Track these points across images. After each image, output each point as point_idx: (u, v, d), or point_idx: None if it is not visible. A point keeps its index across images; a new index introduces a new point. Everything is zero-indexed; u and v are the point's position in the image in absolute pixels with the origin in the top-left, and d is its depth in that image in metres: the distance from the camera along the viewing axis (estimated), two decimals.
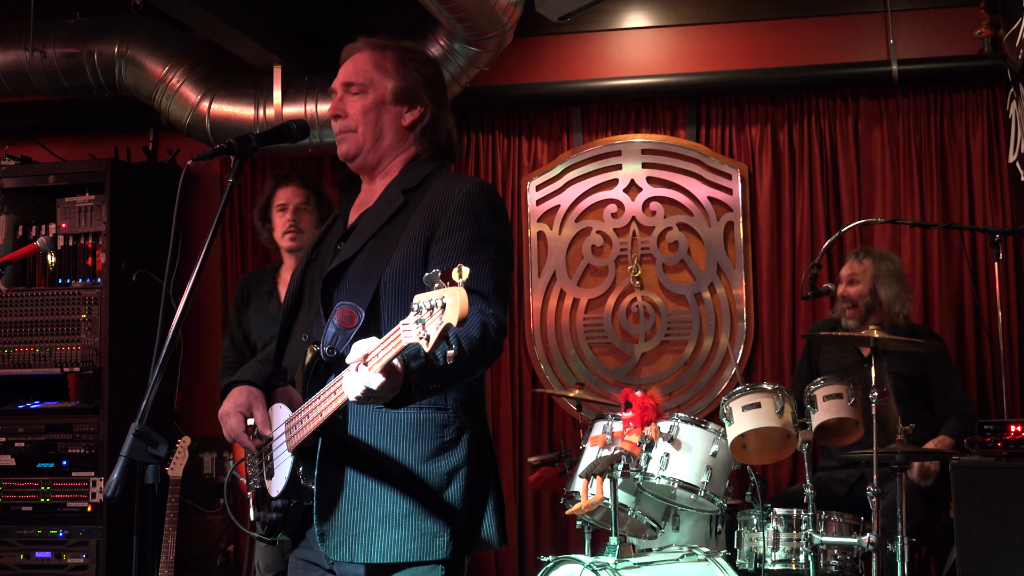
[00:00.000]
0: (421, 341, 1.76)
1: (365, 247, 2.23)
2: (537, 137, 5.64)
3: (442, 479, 2.15)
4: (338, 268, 2.23)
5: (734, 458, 3.95)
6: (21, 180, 5.47)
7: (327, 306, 2.20)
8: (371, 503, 2.12)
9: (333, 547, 2.11)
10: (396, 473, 2.13)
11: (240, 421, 2.26)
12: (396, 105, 2.33)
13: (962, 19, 5.23)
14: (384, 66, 2.34)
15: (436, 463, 2.15)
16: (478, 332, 2.04)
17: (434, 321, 1.74)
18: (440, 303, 1.73)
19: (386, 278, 2.16)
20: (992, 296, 4.96)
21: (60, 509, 4.98)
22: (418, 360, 1.93)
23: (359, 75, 2.34)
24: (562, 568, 3.58)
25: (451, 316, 1.72)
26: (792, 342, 5.26)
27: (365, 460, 2.13)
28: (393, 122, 2.33)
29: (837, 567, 3.84)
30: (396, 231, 2.22)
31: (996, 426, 3.68)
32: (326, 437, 2.12)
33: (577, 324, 5.51)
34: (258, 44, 5.00)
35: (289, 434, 2.16)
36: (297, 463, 2.14)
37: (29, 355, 5.20)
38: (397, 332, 1.82)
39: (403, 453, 2.14)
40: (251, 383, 2.32)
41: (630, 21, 5.59)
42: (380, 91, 2.33)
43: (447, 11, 4.34)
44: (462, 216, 2.19)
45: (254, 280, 4.16)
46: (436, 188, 2.26)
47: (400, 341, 1.81)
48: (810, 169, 5.34)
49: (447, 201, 2.21)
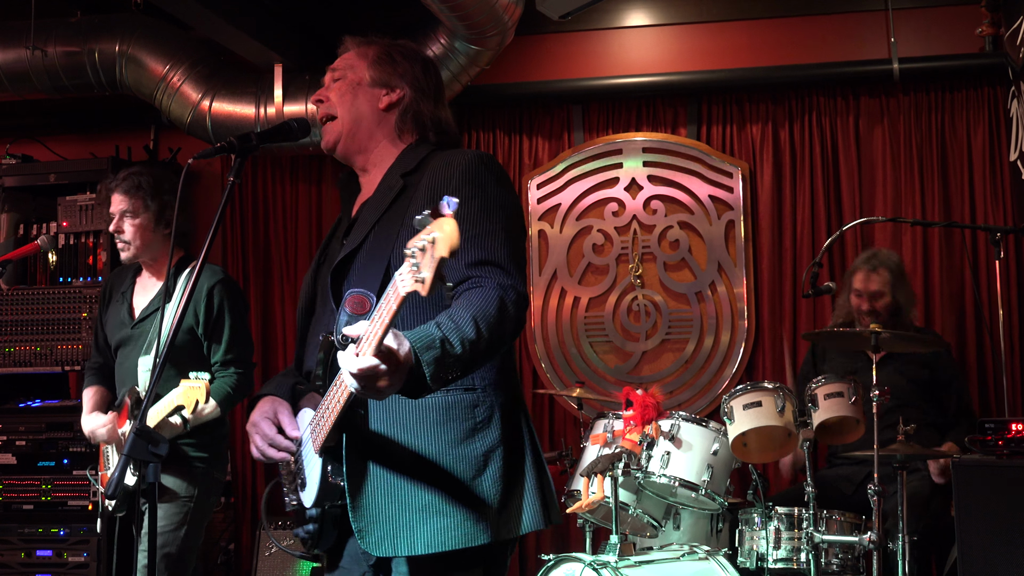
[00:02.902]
0: (417, 286, 1.65)
1: (369, 235, 2.17)
2: (538, 136, 5.64)
3: (478, 461, 2.06)
4: (345, 259, 2.18)
5: (735, 456, 3.95)
6: (22, 179, 5.47)
7: (337, 297, 2.15)
8: (407, 494, 2.04)
9: (374, 543, 2.03)
10: (429, 460, 2.04)
11: (271, 425, 2.19)
12: (373, 88, 2.30)
13: (963, 17, 5.23)
14: (366, 54, 2.34)
15: (470, 445, 2.06)
16: (495, 308, 1.95)
17: (426, 261, 1.64)
18: (430, 239, 1.63)
19: (394, 260, 2.06)
20: (993, 294, 4.96)
21: (61, 508, 4.98)
22: (433, 351, 1.84)
23: (341, 62, 2.35)
24: (563, 567, 3.58)
25: (442, 249, 1.61)
26: (793, 341, 5.26)
27: (394, 450, 2.06)
28: (370, 104, 2.30)
29: (838, 565, 3.84)
30: (399, 213, 2.15)
31: (997, 424, 3.68)
32: (349, 431, 2.05)
33: (578, 322, 5.51)
34: (259, 42, 5.00)
35: (315, 434, 2.09)
36: (326, 464, 2.06)
37: (30, 354, 5.20)
38: (390, 290, 1.73)
39: (434, 438, 2.05)
40: (274, 394, 2.27)
41: (631, 20, 5.59)
42: (359, 74, 2.32)
43: (448, 9, 4.34)
44: (467, 188, 2.10)
45: (117, 278, 3.90)
46: (434, 165, 2.19)
47: (398, 292, 1.71)
48: (811, 167, 5.34)
49: (447, 175, 2.14)
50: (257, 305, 5.72)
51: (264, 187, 5.81)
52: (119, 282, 3.86)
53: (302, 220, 5.76)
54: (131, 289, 3.81)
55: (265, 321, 5.75)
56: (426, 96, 2.32)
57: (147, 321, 3.67)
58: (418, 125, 2.31)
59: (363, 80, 2.31)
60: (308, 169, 5.77)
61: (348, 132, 2.32)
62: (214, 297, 3.66)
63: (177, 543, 3.51)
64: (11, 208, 5.43)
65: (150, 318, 3.67)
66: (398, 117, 2.30)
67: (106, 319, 3.82)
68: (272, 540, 4.46)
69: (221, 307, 3.65)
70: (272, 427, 2.19)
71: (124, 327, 3.72)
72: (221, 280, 3.69)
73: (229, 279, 3.76)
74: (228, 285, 3.72)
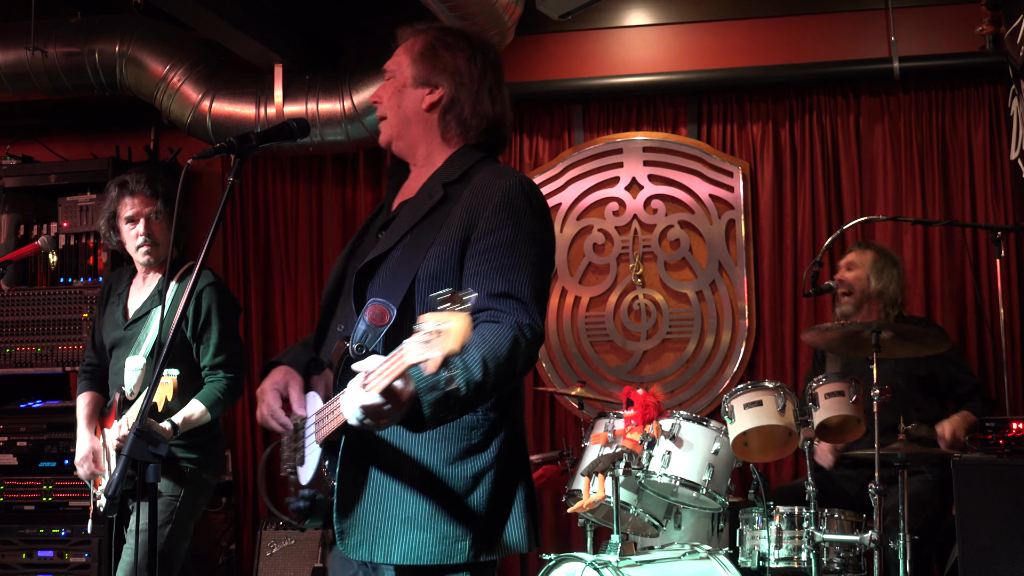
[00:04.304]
0: (423, 364, 1.72)
1: (401, 242, 2.17)
2: (538, 135, 5.63)
3: (467, 482, 2.09)
4: (373, 262, 2.18)
5: (736, 456, 3.94)
6: (22, 179, 5.48)
7: (359, 301, 2.15)
8: (393, 504, 2.08)
9: (352, 546, 2.08)
10: (420, 474, 2.08)
11: (277, 398, 2.23)
12: (416, 88, 2.28)
13: (964, 16, 5.23)
14: (412, 50, 2.32)
15: (462, 466, 2.09)
16: (507, 348, 1.98)
17: (436, 346, 1.69)
18: (444, 327, 1.69)
19: (420, 276, 2.10)
20: (994, 293, 4.97)
21: (62, 508, 4.98)
22: (436, 392, 1.88)
23: (392, 61, 2.34)
24: (564, 566, 3.58)
25: (453, 343, 1.68)
26: (794, 340, 5.25)
27: (388, 460, 2.09)
28: (415, 106, 2.28)
29: (840, 564, 3.83)
30: (434, 227, 2.15)
31: (998, 423, 3.68)
32: (350, 435, 2.08)
33: (579, 322, 5.51)
34: (259, 43, 5.00)
35: (318, 426, 2.13)
36: (324, 456, 2.11)
37: (31, 354, 5.20)
38: (400, 352, 1.78)
39: (428, 454, 2.08)
40: (290, 365, 2.29)
41: (631, 19, 5.59)
42: (403, 76, 2.30)
43: (448, 9, 4.35)
44: (502, 215, 2.10)
45: (115, 279, 3.90)
46: (476, 183, 2.17)
47: (404, 362, 1.77)
48: (811, 166, 5.34)
49: (486, 198, 2.12)
50: (257, 305, 5.72)
51: (264, 187, 5.81)
52: (116, 283, 3.86)
53: (302, 220, 5.76)
54: (127, 290, 3.82)
55: (265, 321, 5.75)
56: (469, 90, 2.28)
57: (140, 322, 3.68)
58: (461, 125, 2.28)
59: (406, 82, 2.30)
60: (308, 169, 5.77)
61: (397, 134, 2.32)
62: (203, 300, 3.67)
63: (161, 541, 3.53)
64: (11, 209, 5.44)
65: (142, 320, 3.68)
66: (440, 118, 2.28)
67: (103, 320, 3.83)
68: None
69: (209, 310, 3.66)
70: (278, 400, 2.23)
71: (118, 328, 3.73)
72: (211, 284, 3.70)
73: (220, 283, 3.77)
74: (218, 288, 3.73)
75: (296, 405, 2.22)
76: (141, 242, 3.70)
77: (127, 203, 3.71)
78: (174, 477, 3.57)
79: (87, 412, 3.77)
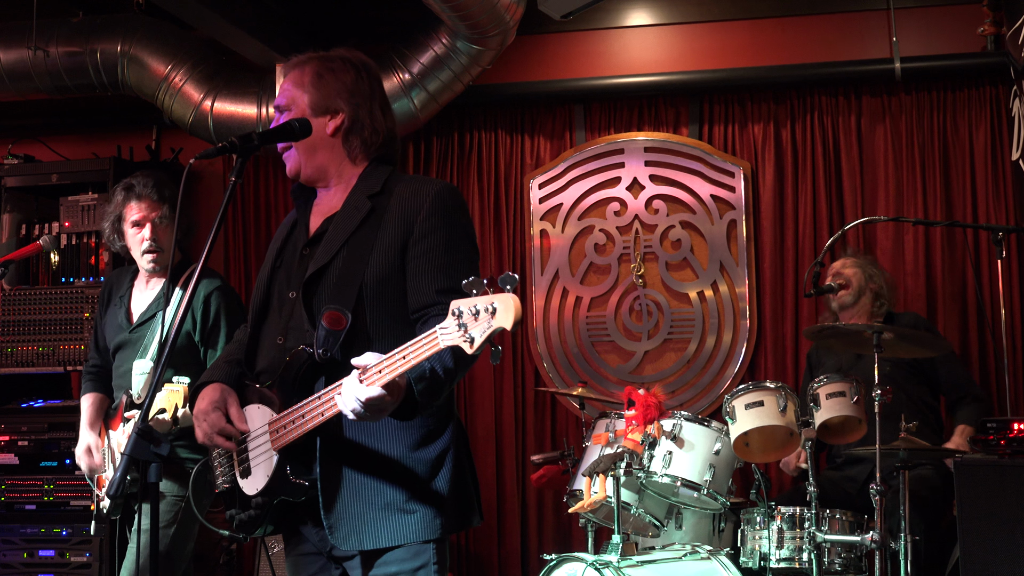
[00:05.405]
0: (463, 343, 1.88)
1: (339, 253, 2.30)
2: (540, 135, 5.63)
3: (430, 465, 2.27)
4: (316, 274, 2.30)
5: (737, 456, 3.94)
6: (24, 179, 5.47)
7: (310, 311, 2.28)
8: (372, 494, 2.24)
9: (342, 538, 2.23)
10: (390, 464, 2.25)
11: (221, 417, 2.32)
12: (317, 117, 2.39)
13: (965, 16, 5.22)
14: (302, 82, 2.41)
15: (425, 451, 2.27)
16: None
17: (480, 326, 1.86)
18: (490, 307, 1.85)
19: (368, 280, 2.26)
20: (995, 293, 4.97)
21: (63, 508, 4.98)
22: (423, 382, 2.09)
23: (283, 96, 2.44)
24: (565, 566, 3.58)
25: (504, 321, 1.84)
26: (795, 340, 5.26)
27: (361, 454, 2.25)
28: (319, 133, 2.39)
29: (841, 565, 3.83)
30: (369, 236, 2.30)
31: (999, 424, 3.67)
32: (324, 436, 2.22)
33: (580, 322, 5.51)
34: (260, 42, 5.00)
35: (276, 434, 2.24)
36: (284, 462, 2.22)
37: (32, 354, 5.20)
38: (428, 338, 1.95)
39: (394, 444, 2.25)
40: (224, 382, 2.38)
41: (633, 19, 5.59)
42: (300, 107, 2.40)
43: (449, 9, 4.35)
44: (435, 218, 2.29)
45: (116, 280, 3.89)
46: (402, 192, 2.34)
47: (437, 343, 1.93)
48: (813, 167, 5.34)
49: (418, 204, 2.30)
50: None
51: (266, 187, 5.82)
52: (118, 284, 3.86)
53: None
54: (129, 292, 3.81)
55: None
56: (365, 108, 2.41)
57: (145, 326, 3.68)
58: (364, 143, 2.42)
59: (305, 111, 2.40)
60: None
61: (306, 162, 2.43)
62: (211, 304, 3.67)
63: (166, 541, 3.53)
64: (13, 208, 5.44)
65: (148, 323, 3.68)
66: (344, 140, 2.41)
67: (104, 321, 3.82)
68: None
69: (218, 314, 3.67)
70: (222, 418, 2.32)
71: (122, 331, 3.72)
72: (219, 287, 3.71)
73: (227, 286, 3.77)
74: (225, 292, 3.74)
75: (237, 420, 2.32)
76: (147, 247, 3.69)
77: (133, 207, 3.71)
78: (178, 478, 3.57)
79: (91, 412, 3.77)
